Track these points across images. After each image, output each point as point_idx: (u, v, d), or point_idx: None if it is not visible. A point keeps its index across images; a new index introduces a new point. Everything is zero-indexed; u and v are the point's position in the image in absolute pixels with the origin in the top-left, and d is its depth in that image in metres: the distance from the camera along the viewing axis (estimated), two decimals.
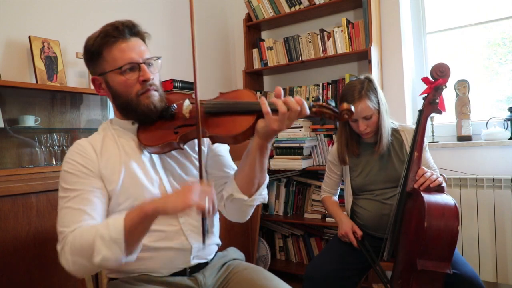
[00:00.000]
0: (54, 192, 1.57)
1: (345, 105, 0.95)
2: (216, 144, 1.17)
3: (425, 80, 1.48)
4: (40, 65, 1.91)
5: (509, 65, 2.29)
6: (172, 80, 2.31)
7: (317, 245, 2.65)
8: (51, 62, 1.96)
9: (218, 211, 1.19)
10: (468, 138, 2.23)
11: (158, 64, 1.08)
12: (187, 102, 1.03)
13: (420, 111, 1.48)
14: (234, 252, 1.25)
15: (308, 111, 0.93)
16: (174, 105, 1.06)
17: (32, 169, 1.79)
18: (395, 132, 1.68)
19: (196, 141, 1.13)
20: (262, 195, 1.09)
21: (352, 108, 0.96)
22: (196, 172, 1.13)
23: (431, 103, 1.46)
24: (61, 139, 1.95)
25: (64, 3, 2.11)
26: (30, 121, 1.85)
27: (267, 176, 1.09)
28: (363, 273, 1.64)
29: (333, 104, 0.97)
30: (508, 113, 2.16)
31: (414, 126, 1.69)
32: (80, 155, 1.02)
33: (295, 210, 2.73)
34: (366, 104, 1.56)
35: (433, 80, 1.44)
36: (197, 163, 1.13)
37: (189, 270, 1.08)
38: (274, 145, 2.61)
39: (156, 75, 1.07)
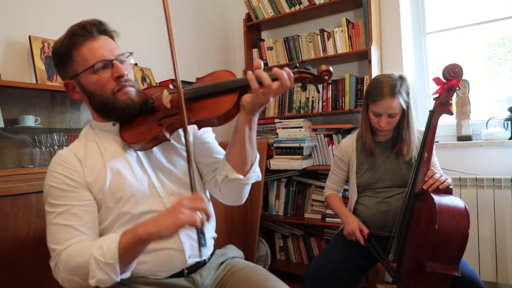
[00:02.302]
0: None
1: (323, 67, 0.95)
2: (202, 131, 1.16)
3: (436, 80, 1.46)
4: (40, 65, 1.91)
5: (509, 65, 2.29)
6: (173, 80, 2.30)
7: (317, 245, 2.65)
8: (51, 62, 1.96)
9: (212, 198, 1.17)
10: (468, 138, 2.23)
11: (131, 60, 1.06)
12: (165, 92, 1.01)
13: (431, 112, 1.47)
14: (233, 250, 1.23)
15: (288, 83, 0.93)
16: (153, 97, 1.04)
17: (32, 169, 1.79)
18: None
19: (180, 131, 1.12)
20: (256, 172, 1.07)
21: (331, 68, 0.96)
22: (184, 164, 1.11)
23: (444, 104, 1.44)
24: (61, 139, 1.95)
25: (64, 3, 2.11)
26: (30, 121, 1.84)
27: (257, 154, 1.08)
28: (363, 273, 1.64)
29: (311, 69, 0.97)
30: (508, 113, 2.16)
31: (422, 129, 1.69)
32: (63, 167, 0.99)
33: (295, 210, 2.73)
34: (398, 102, 1.52)
35: (446, 81, 1.43)
36: (184, 153, 1.11)
37: (186, 271, 1.06)
38: (274, 145, 2.62)
39: (131, 71, 1.04)
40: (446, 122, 2.36)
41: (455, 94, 2.25)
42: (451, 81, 1.41)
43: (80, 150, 1.03)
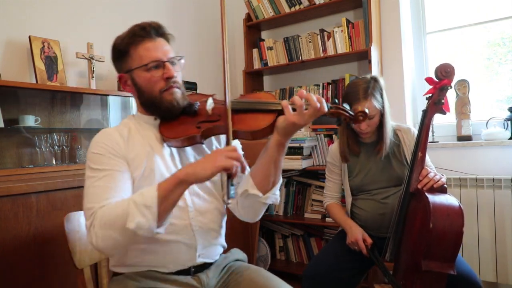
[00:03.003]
0: (54, 192, 1.57)
1: (359, 108, 1.02)
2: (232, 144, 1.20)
3: (429, 80, 1.47)
4: (40, 65, 1.91)
5: (509, 65, 2.29)
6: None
7: (317, 245, 2.65)
8: (51, 62, 1.96)
9: (228, 211, 1.20)
10: (468, 138, 2.23)
11: (181, 63, 1.13)
12: (210, 101, 1.09)
13: (424, 112, 1.47)
14: (237, 253, 1.25)
15: (326, 109, 0.97)
16: (198, 102, 1.11)
17: (32, 169, 1.79)
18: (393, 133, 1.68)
19: (213, 139, 1.20)
20: (275, 194, 1.10)
21: (366, 110, 1.02)
22: None
23: (436, 104, 1.44)
24: (61, 139, 1.95)
25: (64, 3, 2.11)
26: (30, 121, 1.85)
27: (281, 178, 1.11)
28: (363, 273, 1.64)
29: (348, 107, 1.02)
30: (508, 113, 2.16)
31: (409, 126, 1.70)
32: (108, 139, 1.05)
33: (295, 210, 2.73)
34: (372, 103, 1.55)
35: (438, 80, 1.43)
36: None
37: (193, 269, 1.08)
38: None
39: (179, 74, 1.11)
40: (446, 122, 2.37)
41: (454, 94, 2.27)
42: (443, 81, 1.41)
43: (124, 131, 1.10)
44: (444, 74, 1.41)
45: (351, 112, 1.02)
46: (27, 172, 1.75)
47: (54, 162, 1.92)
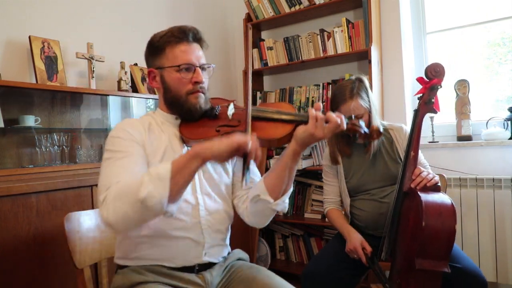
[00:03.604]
0: (54, 192, 1.58)
1: (375, 127, 1.07)
2: None
3: (420, 80, 1.49)
4: (40, 65, 1.91)
5: (509, 65, 2.29)
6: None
7: (317, 245, 2.65)
8: (51, 62, 1.96)
9: (235, 215, 1.22)
10: (468, 138, 2.23)
11: (211, 71, 1.18)
12: (231, 106, 1.12)
13: (416, 111, 1.49)
14: (239, 253, 1.27)
15: (345, 126, 1.01)
16: (219, 106, 1.14)
17: (32, 169, 1.79)
18: (384, 131, 1.69)
19: None
20: (285, 202, 1.11)
21: (381, 129, 1.07)
22: (225, 177, 1.20)
23: (427, 103, 1.46)
24: (61, 139, 1.95)
25: (64, 3, 2.11)
26: (30, 121, 1.85)
27: (292, 186, 1.13)
28: (362, 273, 1.64)
29: (363, 124, 1.06)
30: (508, 113, 2.16)
31: (401, 124, 1.71)
32: (131, 126, 1.08)
33: (295, 210, 2.73)
34: (358, 103, 1.57)
35: (428, 80, 1.45)
36: (228, 168, 1.21)
37: (197, 267, 1.10)
38: None
39: (207, 80, 1.15)
40: (446, 122, 2.37)
41: (454, 94, 2.27)
42: (433, 80, 1.43)
43: (145, 122, 1.13)
44: (434, 73, 1.43)
45: (366, 130, 1.06)
46: (27, 172, 1.75)
47: (54, 162, 1.92)
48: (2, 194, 1.41)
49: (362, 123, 1.05)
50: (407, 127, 1.68)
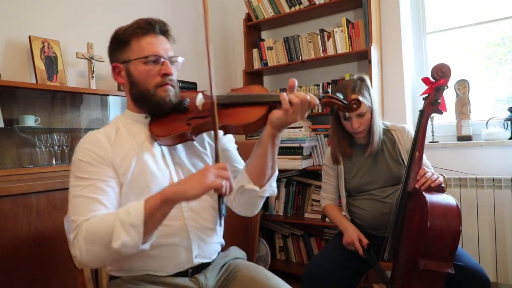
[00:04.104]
0: (54, 192, 1.57)
1: (353, 96, 1.02)
2: (225, 139, 1.19)
3: (425, 80, 1.48)
4: (40, 65, 1.91)
5: (509, 65, 2.29)
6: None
7: (317, 245, 2.65)
8: (51, 62, 1.96)
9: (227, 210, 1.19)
10: (468, 138, 2.23)
11: (179, 64, 1.13)
12: (200, 96, 1.08)
13: (421, 112, 1.48)
14: (235, 251, 1.25)
15: (317, 101, 0.98)
16: (188, 99, 1.11)
17: (32, 169, 1.79)
18: (386, 131, 1.69)
19: (204, 135, 1.18)
20: (272, 186, 1.09)
21: (360, 98, 1.01)
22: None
23: (433, 104, 1.45)
24: (61, 139, 1.95)
25: (64, 3, 2.11)
26: (30, 121, 1.84)
27: (277, 169, 1.10)
28: (363, 273, 1.64)
29: (341, 96, 1.02)
30: (508, 113, 2.16)
31: (403, 125, 1.71)
32: (93, 144, 1.03)
33: (295, 210, 2.73)
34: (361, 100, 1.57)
35: (434, 81, 1.44)
36: (205, 158, 1.17)
37: (191, 271, 1.08)
38: None
39: (176, 73, 1.11)
40: (446, 122, 2.37)
41: (454, 94, 2.27)
42: (439, 81, 1.43)
43: (111, 132, 1.08)
44: (440, 74, 1.42)
45: (344, 101, 1.01)
46: (27, 172, 1.75)
47: (54, 162, 1.92)
48: (2, 194, 1.41)
49: (339, 95, 1.02)
50: (410, 128, 1.68)
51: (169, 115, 1.09)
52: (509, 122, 2.14)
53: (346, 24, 2.42)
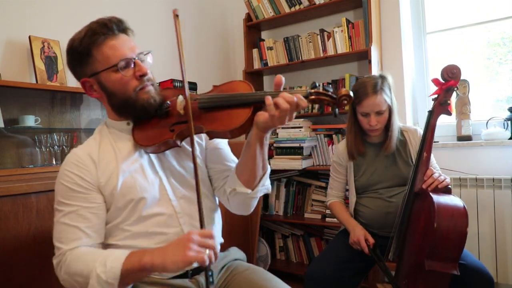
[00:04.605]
0: (54, 192, 1.57)
1: (343, 91, 0.92)
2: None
3: (435, 81, 1.48)
4: (40, 65, 1.91)
5: (509, 65, 2.29)
6: (172, 80, 2.31)
7: (317, 245, 2.65)
8: (51, 62, 1.96)
9: (221, 206, 1.19)
10: (468, 138, 2.23)
11: (149, 58, 1.06)
12: (180, 98, 1.00)
13: (430, 112, 1.48)
14: (235, 252, 1.24)
15: (305, 102, 0.90)
16: (168, 102, 1.04)
17: (32, 169, 1.79)
18: (399, 133, 1.68)
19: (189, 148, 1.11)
20: (265, 185, 1.07)
21: (351, 93, 0.92)
22: (200, 174, 1.11)
23: (442, 104, 1.45)
24: (61, 139, 1.95)
25: (64, 3, 2.11)
26: (30, 121, 1.84)
27: (269, 166, 1.07)
28: (363, 273, 1.64)
29: (331, 90, 0.93)
30: (508, 113, 2.16)
31: (416, 127, 1.71)
32: (77, 167, 1.00)
33: (295, 210, 2.73)
34: (382, 98, 1.56)
35: (444, 81, 1.44)
36: (200, 163, 1.12)
37: (190, 272, 1.06)
38: (274, 145, 2.62)
39: (149, 69, 1.05)
40: (446, 122, 2.36)
41: (454, 95, 2.26)
42: (450, 82, 1.42)
43: (94, 149, 1.03)
44: (450, 75, 1.42)
45: (334, 96, 0.92)
46: (27, 172, 1.75)
47: (54, 162, 1.92)
48: (2, 194, 1.41)
49: (329, 88, 0.92)
50: (422, 131, 1.68)
51: (151, 119, 1.04)
52: (509, 122, 2.14)
53: (346, 24, 2.42)
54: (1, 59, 1.85)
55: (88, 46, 0.97)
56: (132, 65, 0.99)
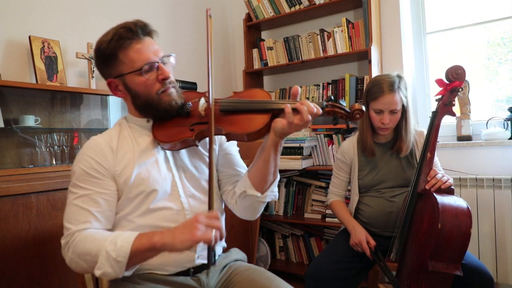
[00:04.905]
0: (54, 192, 1.57)
1: (356, 105, 0.98)
2: (227, 143, 1.20)
3: (439, 82, 1.48)
4: (40, 65, 1.91)
5: (509, 65, 2.29)
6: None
7: (317, 245, 2.65)
8: (51, 62, 1.96)
9: (227, 210, 1.20)
10: (468, 138, 2.23)
11: (173, 61, 1.10)
12: (202, 101, 1.06)
13: (434, 113, 1.48)
14: (236, 253, 1.25)
15: (321, 111, 0.97)
16: (190, 102, 1.09)
17: (32, 169, 1.79)
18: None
19: (208, 140, 1.15)
20: (274, 192, 1.11)
21: (363, 108, 0.99)
22: (206, 170, 1.15)
23: (446, 105, 1.45)
24: (61, 139, 1.95)
25: (64, 3, 2.11)
26: (30, 121, 1.84)
27: (279, 174, 1.11)
28: (364, 273, 1.64)
29: (344, 104, 0.99)
30: (508, 113, 2.16)
31: (422, 129, 1.70)
32: (96, 152, 1.03)
33: (295, 210, 2.73)
34: (399, 96, 1.56)
35: (448, 82, 1.44)
36: (208, 160, 1.15)
37: (192, 270, 1.08)
38: None
39: (172, 72, 1.09)
40: (446, 122, 2.36)
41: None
42: (454, 83, 1.42)
43: (114, 139, 1.07)
44: (455, 76, 1.42)
45: (347, 110, 0.99)
46: (27, 172, 1.75)
47: (54, 162, 1.92)
48: (2, 194, 1.41)
49: (343, 102, 0.99)
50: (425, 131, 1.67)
51: (172, 119, 1.08)
52: (509, 122, 2.14)
53: (346, 24, 2.42)
54: (1, 59, 1.85)
55: (115, 50, 1.02)
56: (156, 69, 1.03)
